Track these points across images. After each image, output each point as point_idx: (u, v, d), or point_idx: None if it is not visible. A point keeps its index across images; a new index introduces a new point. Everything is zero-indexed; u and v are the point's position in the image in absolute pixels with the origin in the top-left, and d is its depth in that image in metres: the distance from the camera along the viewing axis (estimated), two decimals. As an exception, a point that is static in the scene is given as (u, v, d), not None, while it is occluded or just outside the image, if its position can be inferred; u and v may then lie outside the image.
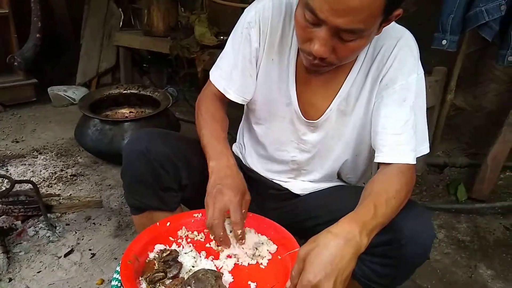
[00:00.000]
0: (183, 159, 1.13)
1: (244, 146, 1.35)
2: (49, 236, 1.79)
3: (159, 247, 1.00)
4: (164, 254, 0.94)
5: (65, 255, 1.69)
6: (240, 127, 1.39)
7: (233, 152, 1.39)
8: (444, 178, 2.35)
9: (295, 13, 0.93)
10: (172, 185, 1.12)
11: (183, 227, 1.08)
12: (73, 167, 2.38)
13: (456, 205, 2.12)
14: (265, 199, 1.30)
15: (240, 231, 0.99)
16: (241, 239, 1.00)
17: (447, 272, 1.69)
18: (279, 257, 1.01)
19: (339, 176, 1.29)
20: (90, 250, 1.74)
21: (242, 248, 1.02)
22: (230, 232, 1.02)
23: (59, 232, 1.82)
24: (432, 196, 2.21)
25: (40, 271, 1.61)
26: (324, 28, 0.86)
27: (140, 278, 0.91)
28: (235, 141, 1.43)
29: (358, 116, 1.11)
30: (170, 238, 1.05)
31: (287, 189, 1.28)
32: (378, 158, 1.05)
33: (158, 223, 1.06)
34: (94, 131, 2.27)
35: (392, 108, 1.04)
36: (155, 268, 0.92)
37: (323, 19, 0.84)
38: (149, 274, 0.90)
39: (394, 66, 1.04)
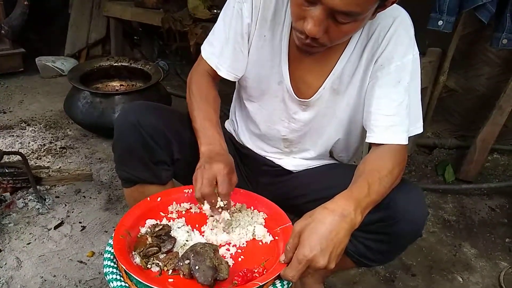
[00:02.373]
0: (175, 133, 1.12)
1: (237, 123, 1.34)
2: (38, 208, 1.78)
3: (150, 222, 1.00)
4: (157, 229, 0.94)
5: (55, 227, 1.69)
6: (232, 103, 1.38)
7: (225, 129, 1.39)
8: (433, 159, 2.38)
9: None
10: (163, 158, 1.11)
11: (174, 202, 1.08)
12: (62, 139, 2.35)
13: (443, 186, 2.16)
14: (258, 175, 1.31)
15: (226, 201, 0.98)
16: (227, 208, 0.98)
17: (432, 250, 1.74)
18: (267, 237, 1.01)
19: (331, 155, 1.29)
20: (80, 223, 1.74)
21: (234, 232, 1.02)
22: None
23: (49, 205, 1.81)
24: (421, 176, 2.25)
25: (30, 242, 1.61)
26: (320, 8, 0.84)
27: (133, 253, 0.91)
28: (228, 118, 1.42)
29: (351, 95, 1.10)
30: (161, 213, 1.05)
31: (280, 166, 1.29)
32: (370, 139, 1.05)
33: (149, 198, 1.06)
34: (84, 103, 2.24)
35: (386, 89, 1.03)
36: (148, 242, 0.93)
37: None
38: (142, 249, 0.91)
39: (389, 47, 1.02)
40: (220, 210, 0.98)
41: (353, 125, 1.17)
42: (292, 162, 1.28)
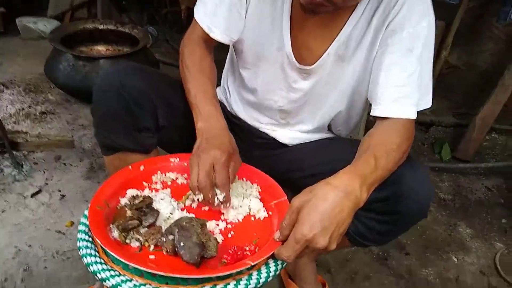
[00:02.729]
0: (162, 97, 1.02)
1: (229, 91, 1.24)
2: (15, 175, 1.67)
3: (132, 192, 0.91)
4: (136, 201, 0.85)
5: (32, 195, 1.59)
6: (224, 69, 1.27)
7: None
8: (430, 136, 2.31)
9: None
10: (147, 125, 1.01)
11: (158, 171, 0.99)
12: (43, 104, 2.22)
13: (440, 164, 2.10)
14: (251, 147, 1.21)
15: (224, 194, 0.88)
16: (225, 202, 0.88)
17: (427, 229, 1.69)
18: (260, 211, 0.93)
19: (329, 128, 1.21)
20: (59, 191, 1.64)
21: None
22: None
23: (26, 171, 1.71)
24: (417, 154, 2.18)
25: (5, 210, 1.51)
26: None
27: (111, 226, 0.82)
28: (220, 85, 1.31)
29: (358, 63, 1.01)
30: (144, 183, 0.95)
31: (274, 139, 1.20)
32: (376, 111, 0.96)
33: (130, 167, 0.96)
34: (66, 66, 2.10)
35: (397, 57, 0.94)
36: (128, 215, 0.83)
37: None
38: (121, 222, 0.81)
39: (403, 11, 0.93)
40: (220, 204, 0.88)
41: (356, 96, 1.08)
42: (288, 135, 1.19)
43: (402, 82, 0.94)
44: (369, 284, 1.42)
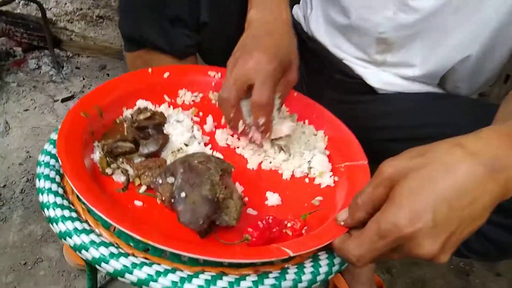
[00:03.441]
0: None
1: (312, 4, 0.89)
2: (52, 75, 1.49)
3: (142, 104, 0.62)
4: (141, 116, 0.55)
5: (63, 100, 1.40)
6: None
7: (292, 16, 0.95)
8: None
9: None
10: (184, 16, 0.70)
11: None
12: (103, 8, 2.00)
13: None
14: (325, 85, 0.87)
15: (265, 119, 0.58)
16: (263, 132, 0.59)
17: None
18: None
19: (441, 82, 0.83)
20: (93, 102, 1.43)
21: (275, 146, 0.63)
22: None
23: (65, 74, 1.51)
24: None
25: (28, 109, 1.33)
26: None
27: (96, 144, 0.54)
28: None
29: None
30: (166, 97, 0.66)
31: (360, 78, 0.84)
32: None
33: (150, 70, 0.66)
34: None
35: None
36: (119, 135, 0.55)
37: None
38: (109, 141, 0.53)
39: None
40: (248, 132, 0.60)
41: (501, 37, 0.70)
42: (381, 77, 0.82)
43: None
44: (438, 301, 1.08)
